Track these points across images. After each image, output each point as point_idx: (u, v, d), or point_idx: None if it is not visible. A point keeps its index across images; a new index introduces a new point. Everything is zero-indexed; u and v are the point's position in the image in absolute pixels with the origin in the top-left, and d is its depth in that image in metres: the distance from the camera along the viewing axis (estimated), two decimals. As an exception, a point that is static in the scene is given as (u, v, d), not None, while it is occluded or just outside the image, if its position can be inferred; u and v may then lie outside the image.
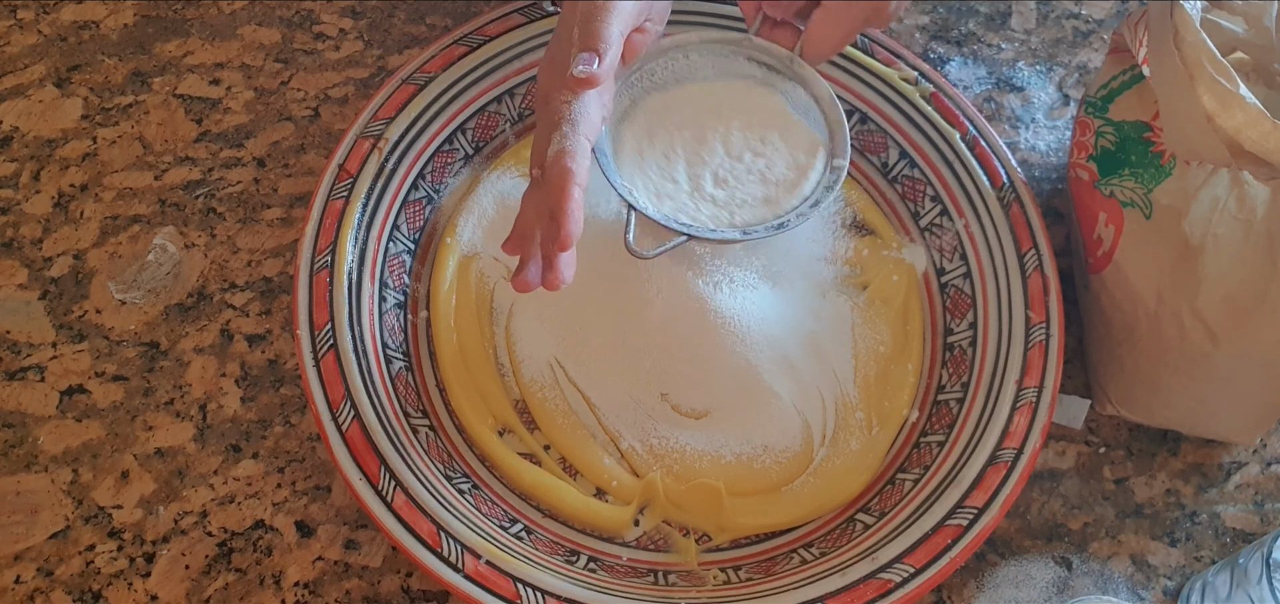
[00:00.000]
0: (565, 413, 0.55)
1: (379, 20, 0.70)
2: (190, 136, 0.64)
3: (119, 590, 0.51)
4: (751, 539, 0.53)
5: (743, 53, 0.55)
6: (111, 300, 0.59)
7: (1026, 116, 0.69)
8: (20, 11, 0.69)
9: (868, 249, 0.61)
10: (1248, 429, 0.57)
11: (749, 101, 0.55)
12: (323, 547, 0.52)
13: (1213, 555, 0.55)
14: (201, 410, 0.56)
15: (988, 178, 0.60)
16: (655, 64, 0.54)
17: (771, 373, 0.55)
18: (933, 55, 0.71)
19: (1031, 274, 0.56)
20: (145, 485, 0.53)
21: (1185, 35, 0.50)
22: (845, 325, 0.58)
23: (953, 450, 0.53)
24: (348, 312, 0.53)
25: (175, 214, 0.62)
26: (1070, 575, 0.54)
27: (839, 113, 0.53)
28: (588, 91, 0.47)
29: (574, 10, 0.48)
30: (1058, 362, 0.54)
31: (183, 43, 0.68)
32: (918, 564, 0.49)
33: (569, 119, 0.47)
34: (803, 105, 0.54)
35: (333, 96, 0.66)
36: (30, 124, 0.64)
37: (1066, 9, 0.75)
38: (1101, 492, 0.57)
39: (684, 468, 0.54)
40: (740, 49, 0.55)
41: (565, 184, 0.45)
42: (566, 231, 0.45)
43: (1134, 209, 0.54)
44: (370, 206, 0.57)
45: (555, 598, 0.47)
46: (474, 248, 0.59)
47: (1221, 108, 0.48)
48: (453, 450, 0.54)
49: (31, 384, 0.56)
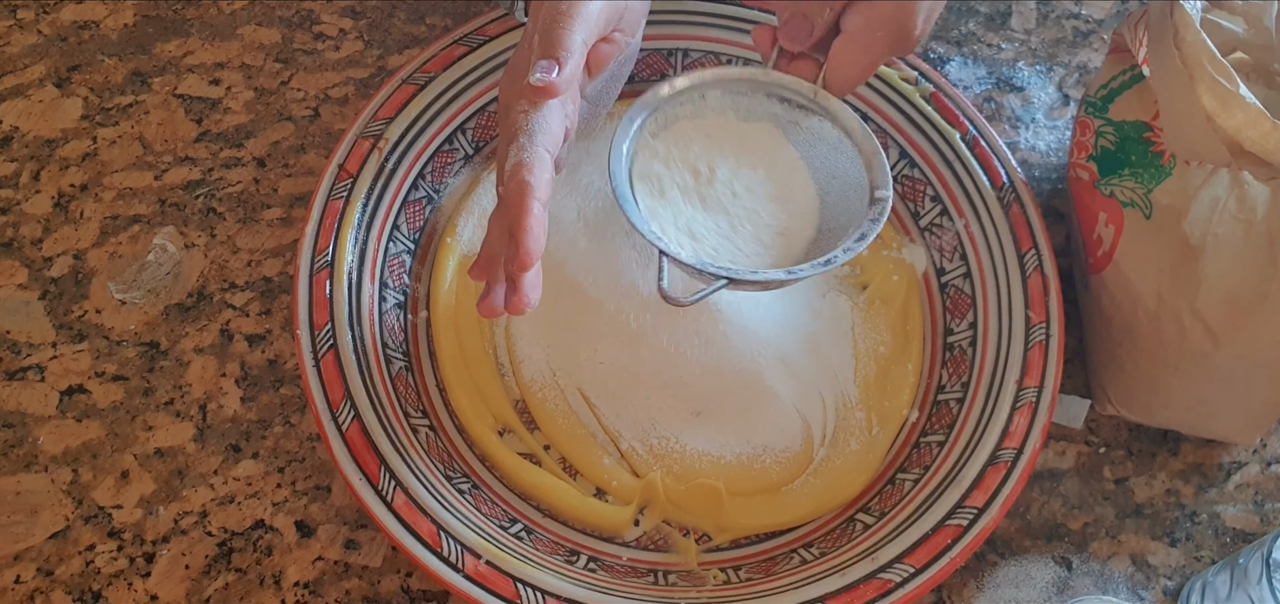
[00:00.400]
0: (565, 413, 0.55)
1: (379, 20, 0.70)
2: (190, 136, 0.64)
3: (119, 590, 0.51)
4: (751, 539, 0.53)
5: (762, 91, 0.52)
6: (111, 300, 0.59)
7: (1026, 116, 0.69)
8: (20, 11, 0.69)
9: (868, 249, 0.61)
10: (1248, 429, 0.57)
11: (770, 145, 0.52)
12: (323, 547, 0.52)
13: (1213, 555, 0.55)
14: (201, 410, 0.56)
15: (988, 178, 0.60)
16: (671, 105, 0.52)
17: (771, 373, 0.55)
18: (933, 55, 0.71)
19: (1031, 274, 0.56)
20: (145, 485, 0.53)
21: (1185, 35, 0.50)
22: (845, 325, 0.58)
23: (953, 450, 0.53)
24: (348, 312, 0.53)
25: (175, 214, 0.62)
26: (1070, 575, 0.54)
27: (873, 144, 0.50)
28: (548, 102, 0.45)
29: (537, 16, 0.46)
30: (1058, 362, 0.54)
31: (183, 43, 0.68)
32: (918, 564, 0.49)
33: (527, 130, 0.44)
34: (832, 140, 0.52)
35: (333, 96, 0.67)
36: (30, 124, 0.64)
37: (1066, 9, 0.75)
38: (1101, 492, 0.57)
39: (684, 468, 0.54)
40: (759, 86, 0.52)
41: (523, 199, 0.43)
42: (526, 250, 0.42)
43: (1134, 209, 0.54)
44: (370, 206, 0.57)
45: (555, 598, 0.47)
46: (474, 248, 0.59)
47: (1221, 108, 0.48)
48: (453, 450, 0.54)
49: (31, 384, 0.56)
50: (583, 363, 0.56)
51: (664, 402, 0.55)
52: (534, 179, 0.43)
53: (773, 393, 0.55)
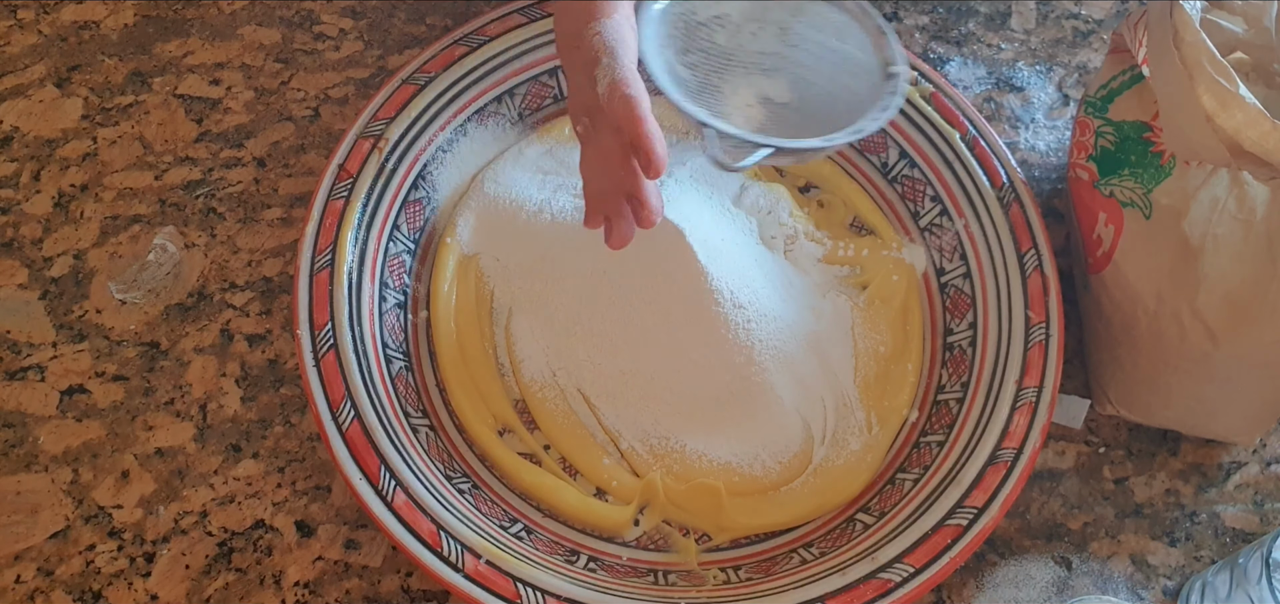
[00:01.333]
0: (565, 413, 0.55)
1: (379, 20, 0.70)
2: (190, 136, 0.64)
3: (119, 590, 0.51)
4: (751, 539, 0.53)
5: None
6: (112, 300, 0.59)
7: (1026, 116, 0.69)
8: (20, 11, 0.69)
9: (868, 249, 0.61)
10: (1248, 429, 0.57)
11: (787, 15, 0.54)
12: (323, 546, 0.52)
13: (1212, 555, 0.55)
14: (202, 410, 0.56)
15: (987, 178, 0.60)
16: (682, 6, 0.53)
17: (771, 373, 0.55)
18: (933, 55, 0.71)
19: (1031, 274, 0.56)
20: (145, 485, 0.53)
21: (1185, 35, 0.50)
22: (845, 325, 0.58)
23: (952, 450, 0.53)
24: (348, 311, 0.53)
25: (175, 214, 0.62)
26: (1070, 575, 0.54)
27: (875, 21, 0.52)
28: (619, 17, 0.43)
29: None
30: (1057, 362, 0.54)
31: (183, 43, 0.68)
32: (917, 564, 0.49)
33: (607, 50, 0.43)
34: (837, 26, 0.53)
35: (333, 96, 0.67)
36: (30, 124, 0.64)
37: (1066, 9, 0.75)
38: (1101, 492, 0.57)
39: (684, 468, 0.54)
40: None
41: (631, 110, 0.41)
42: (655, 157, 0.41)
43: (1134, 209, 0.54)
44: (370, 206, 0.57)
45: (555, 598, 0.47)
46: (474, 248, 0.59)
47: (1221, 108, 0.48)
48: (453, 450, 0.54)
49: (32, 384, 0.56)
50: (583, 363, 0.56)
51: (664, 402, 0.55)
52: (635, 91, 0.42)
53: (773, 393, 0.55)
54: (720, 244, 0.56)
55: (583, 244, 0.56)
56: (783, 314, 0.57)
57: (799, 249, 0.61)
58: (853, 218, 0.63)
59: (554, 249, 0.57)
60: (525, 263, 0.58)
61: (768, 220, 0.61)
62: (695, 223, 0.55)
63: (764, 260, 0.59)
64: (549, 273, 0.57)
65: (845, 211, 0.63)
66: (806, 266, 0.60)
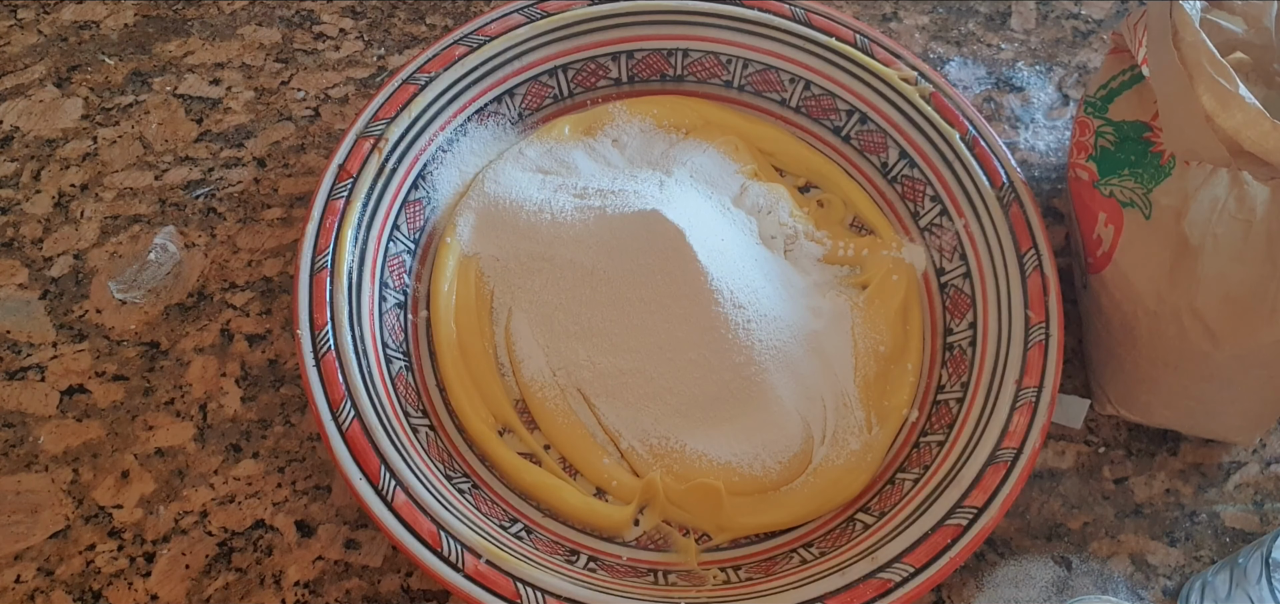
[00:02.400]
0: (565, 412, 0.55)
1: (379, 20, 0.70)
2: (190, 136, 0.64)
3: (119, 590, 0.51)
4: (751, 539, 0.53)
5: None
6: (112, 300, 0.59)
7: (1026, 116, 0.69)
8: (20, 11, 0.69)
9: (868, 249, 0.61)
10: (1247, 429, 0.57)
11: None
12: (323, 546, 0.52)
13: (1212, 555, 0.55)
14: (202, 410, 0.56)
15: (987, 178, 0.60)
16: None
17: (771, 372, 0.55)
18: (932, 55, 0.71)
19: (1031, 274, 0.56)
20: (145, 485, 0.53)
21: (1184, 35, 0.50)
22: (845, 325, 0.58)
23: (952, 450, 0.53)
24: (348, 311, 0.53)
25: (175, 214, 0.62)
26: (1070, 575, 0.54)
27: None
28: None
29: None
30: (1057, 361, 0.54)
31: (183, 42, 0.68)
32: (917, 564, 0.49)
33: None
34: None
35: (333, 96, 0.67)
36: (30, 124, 0.64)
37: (1066, 9, 0.75)
38: (1101, 491, 0.57)
39: (684, 467, 0.54)
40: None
41: None
42: None
43: (1133, 209, 0.54)
44: (370, 206, 0.57)
45: (555, 598, 0.47)
46: (474, 248, 0.59)
47: (1221, 108, 0.48)
48: (453, 450, 0.54)
49: (32, 384, 0.56)
50: (582, 363, 0.56)
51: (664, 401, 0.55)
52: None
53: (772, 392, 0.55)
54: (720, 244, 0.56)
55: (583, 244, 0.56)
56: (782, 314, 0.57)
57: (799, 249, 0.61)
58: (852, 217, 0.63)
59: (554, 249, 0.57)
60: (525, 263, 0.58)
61: (767, 220, 0.61)
62: (695, 223, 0.56)
63: (764, 260, 0.59)
64: (549, 273, 0.57)
65: (845, 211, 0.63)
66: (806, 266, 0.60)
